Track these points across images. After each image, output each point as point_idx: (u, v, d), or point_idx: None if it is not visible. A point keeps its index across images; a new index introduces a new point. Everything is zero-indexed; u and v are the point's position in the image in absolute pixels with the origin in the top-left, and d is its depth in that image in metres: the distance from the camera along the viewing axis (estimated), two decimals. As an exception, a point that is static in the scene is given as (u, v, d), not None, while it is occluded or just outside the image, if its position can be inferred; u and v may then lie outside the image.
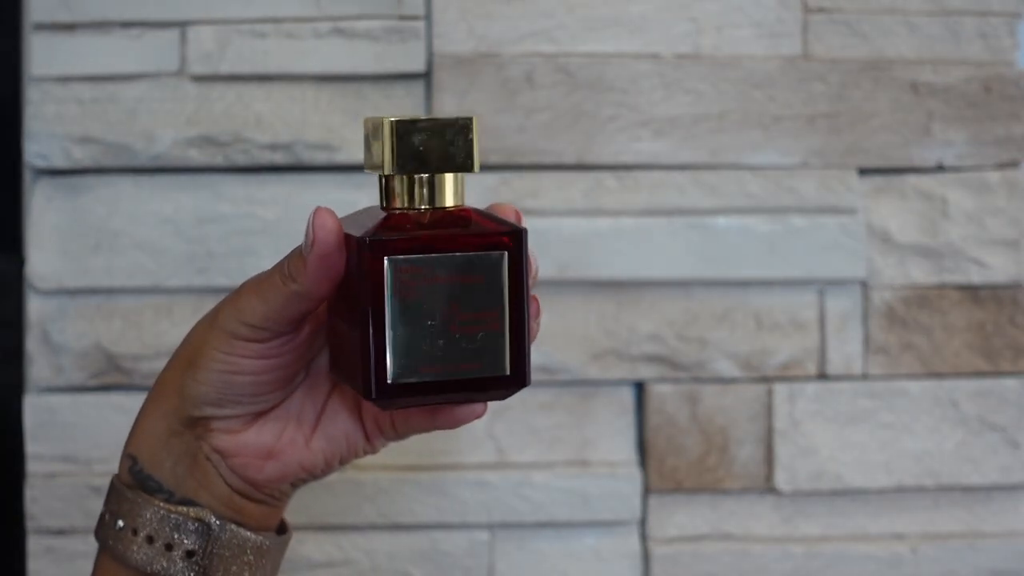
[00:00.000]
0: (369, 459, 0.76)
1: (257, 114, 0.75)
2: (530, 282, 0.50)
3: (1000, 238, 0.78)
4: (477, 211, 0.50)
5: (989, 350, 0.78)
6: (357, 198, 0.74)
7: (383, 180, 0.50)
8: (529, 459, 0.78)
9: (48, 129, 0.74)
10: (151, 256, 0.75)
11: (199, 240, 0.75)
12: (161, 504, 0.51)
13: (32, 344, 0.75)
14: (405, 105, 0.76)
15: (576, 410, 0.78)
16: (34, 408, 0.75)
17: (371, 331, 0.47)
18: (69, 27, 0.75)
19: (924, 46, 0.77)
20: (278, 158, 0.75)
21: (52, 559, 0.75)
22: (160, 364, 0.75)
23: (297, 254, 0.48)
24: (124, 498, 0.51)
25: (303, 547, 0.76)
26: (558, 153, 0.76)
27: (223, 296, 0.69)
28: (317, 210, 0.48)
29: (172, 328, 0.75)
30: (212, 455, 0.51)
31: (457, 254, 0.47)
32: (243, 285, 0.51)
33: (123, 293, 0.76)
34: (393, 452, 0.76)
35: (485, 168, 0.76)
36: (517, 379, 0.49)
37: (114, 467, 0.76)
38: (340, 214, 0.52)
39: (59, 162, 0.75)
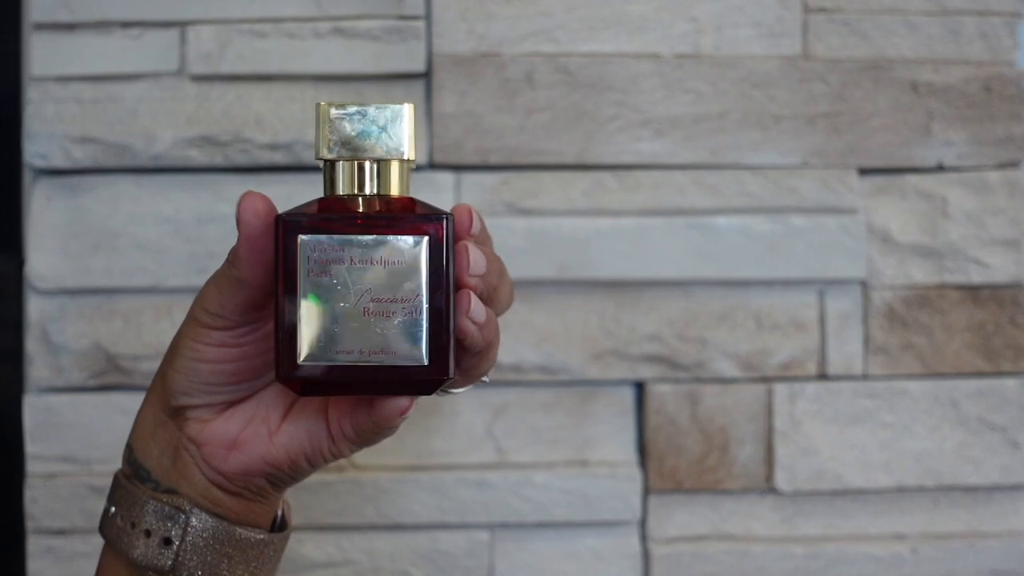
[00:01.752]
0: (369, 459, 0.76)
1: (257, 114, 0.75)
2: (464, 276, 0.49)
3: (1000, 238, 0.78)
4: (419, 202, 0.49)
5: (989, 350, 0.78)
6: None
7: (324, 165, 0.49)
8: (529, 459, 0.78)
9: (48, 129, 0.74)
10: (151, 256, 0.75)
11: (199, 240, 0.75)
12: (149, 493, 0.52)
13: (32, 344, 0.75)
14: (405, 105, 0.76)
15: (576, 410, 0.78)
16: (34, 408, 0.75)
17: (285, 311, 0.47)
18: (69, 27, 0.75)
19: (924, 46, 0.77)
20: (278, 158, 0.75)
21: (52, 559, 0.75)
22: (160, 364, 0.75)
23: (237, 244, 0.50)
24: (120, 487, 0.53)
25: (303, 547, 0.76)
26: (558, 153, 0.76)
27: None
28: (245, 194, 0.48)
29: (172, 328, 0.75)
30: (188, 445, 0.52)
31: (373, 237, 0.47)
32: (213, 274, 0.52)
33: (123, 293, 0.76)
34: (393, 452, 0.76)
35: (485, 168, 0.76)
36: (436, 370, 0.47)
37: (114, 467, 0.76)
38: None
39: (59, 162, 0.75)
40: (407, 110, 0.49)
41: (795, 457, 0.77)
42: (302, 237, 0.46)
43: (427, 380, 0.48)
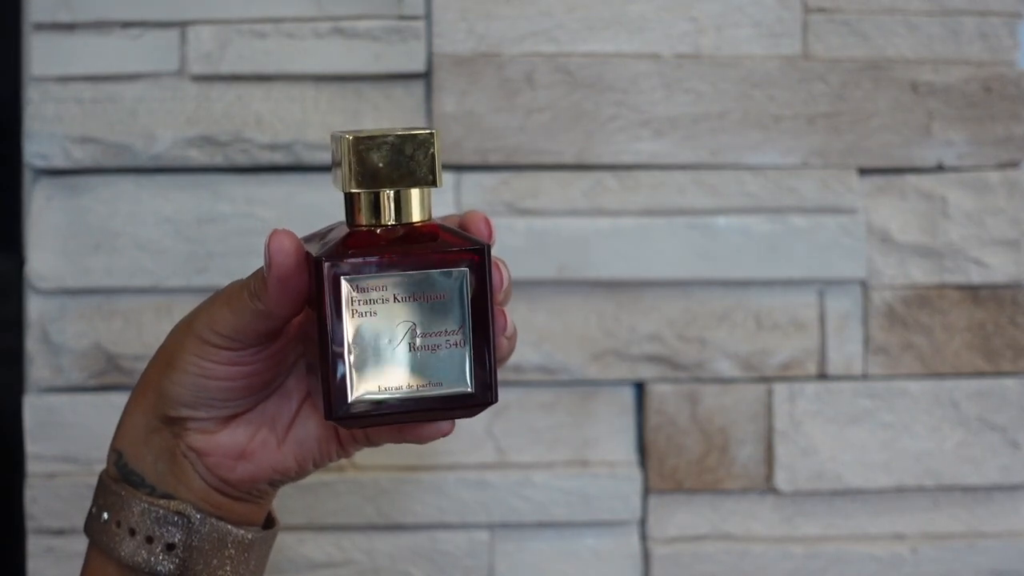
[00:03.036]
0: (369, 459, 0.76)
1: (257, 114, 0.75)
2: (498, 296, 0.49)
3: (1000, 238, 0.78)
4: (444, 227, 0.49)
5: (989, 350, 0.78)
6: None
7: (347, 197, 0.49)
8: (529, 459, 0.78)
9: (48, 129, 0.74)
10: (151, 256, 0.75)
11: (199, 240, 0.75)
12: (144, 497, 0.51)
13: (32, 344, 0.75)
14: (405, 105, 0.76)
15: (576, 410, 0.78)
16: (34, 408, 0.75)
17: (330, 351, 0.46)
18: (69, 27, 0.75)
19: (924, 46, 0.77)
20: (278, 158, 0.75)
21: (52, 559, 0.75)
22: (160, 364, 0.75)
23: (260, 275, 0.49)
24: (110, 491, 0.52)
25: (303, 547, 0.76)
26: (558, 153, 0.76)
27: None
28: (274, 233, 0.48)
29: (171, 328, 0.75)
30: (189, 453, 0.52)
31: (415, 272, 0.47)
32: (220, 292, 0.51)
33: (123, 293, 0.76)
34: (393, 452, 0.76)
35: (485, 168, 0.76)
36: (482, 397, 0.48)
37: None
38: (339, 214, 0.52)
39: (59, 162, 0.75)
40: (432, 136, 0.48)
41: (795, 457, 0.77)
42: (348, 277, 0.46)
43: (473, 406, 0.48)
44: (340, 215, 0.52)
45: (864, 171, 0.77)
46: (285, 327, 0.51)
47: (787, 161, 0.77)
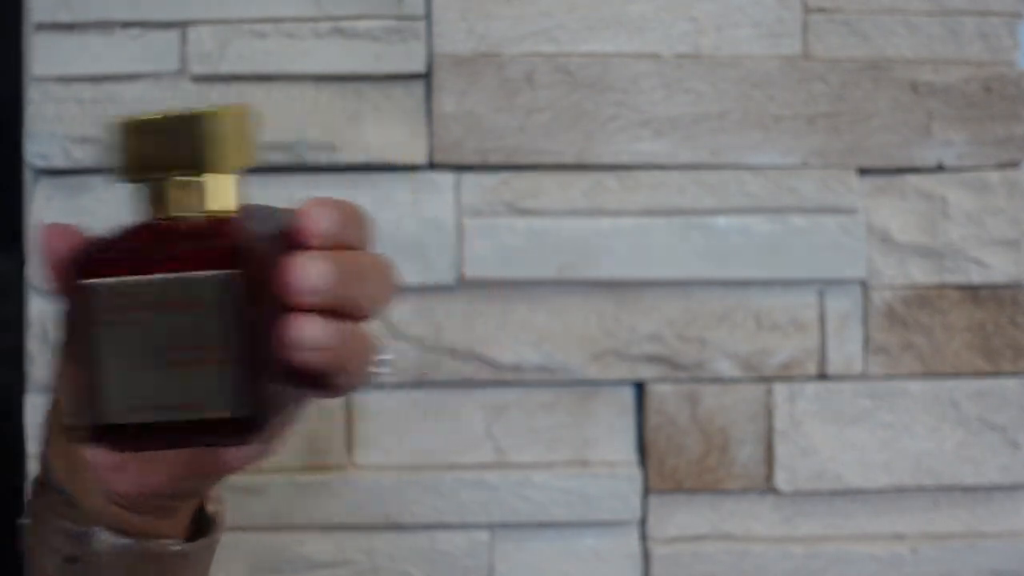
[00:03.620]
0: (369, 459, 0.76)
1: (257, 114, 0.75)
2: (296, 297, 0.41)
3: (1000, 238, 0.78)
4: (240, 218, 0.42)
5: (989, 350, 0.78)
6: (357, 198, 0.74)
7: (129, 188, 0.44)
8: (529, 459, 0.78)
9: (48, 129, 0.74)
10: (151, 256, 0.75)
11: (199, 240, 0.75)
12: (55, 507, 0.50)
13: (33, 344, 0.75)
14: (405, 105, 0.76)
15: (576, 410, 0.78)
16: (35, 408, 0.75)
17: (83, 366, 0.40)
18: (70, 27, 0.75)
19: (924, 46, 0.77)
20: (278, 158, 0.75)
21: (52, 559, 0.75)
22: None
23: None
24: (37, 495, 0.51)
25: (303, 547, 0.76)
26: (558, 153, 0.76)
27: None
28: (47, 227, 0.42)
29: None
30: (83, 463, 0.48)
31: (158, 277, 0.39)
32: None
33: (123, 293, 0.76)
34: (393, 452, 0.76)
35: (485, 168, 0.76)
36: (247, 425, 0.40)
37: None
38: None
39: (59, 162, 0.75)
40: (212, 116, 0.42)
41: (795, 457, 0.77)
42: (92, 282, 0.39)
43: (241, 435, 0.40)
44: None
45: (864, 171, 0.77)
46: None
47: (787, 161, 0.77)
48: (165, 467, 0.48)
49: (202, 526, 0.52)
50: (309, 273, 0.41)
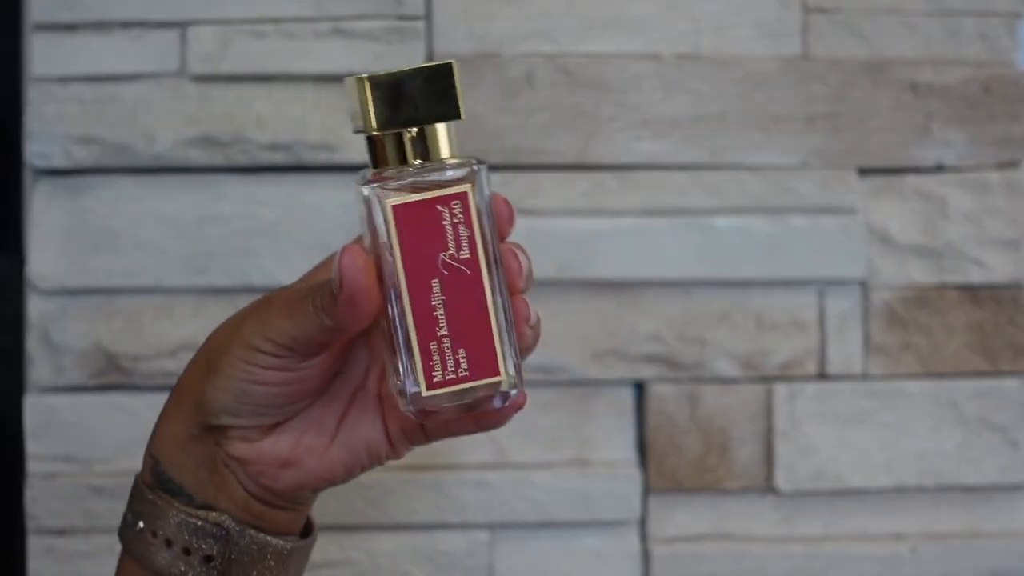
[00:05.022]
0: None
1: (257, 114, 0.75)
2: (519, 283, 0.47)
3: (1000, 238, 0.78)
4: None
5: (989, 350, 0.78)
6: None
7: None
8: (529, 459, 0.78)
9: (48, 129, 0.74)
10: (151, 256, 0.75)
11: (199, 240, 0.75)
12: (181, 508, 0.49)
13: (32, 344, 0.75)
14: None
15: (576, 410, 0.78)
16: (34, 408, 0.75)
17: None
18: (69, 27, 0.75)
19: (924, 46, 0.77)
20: (278, 158, 0.75)
21: (52, 559, 0.75)
22: (160, 364, 0.75)
23: (328, 290, 0.46)
24: (145, 499, 0.50)
25: (303, 547, 0.76)
26: (558, 153, 0.76)
27: (223, 296, 0.69)
28: (345, 249, 0.45)
29: (172, 328, 0.75)
30: (230, 462, 0.50)
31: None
32: (273, 299, 0.49)
33: (123, 293, 0.76)
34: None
35: (485, 168, 0.76)
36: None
37: (115, 466, 0.76)
38: (340, 214, 0.51)
39: (59, 162, 0.75)
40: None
41: (795, 457, 0.77)
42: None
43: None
44: (340, 216, 0.52)
45: (864, 171, 0.77)
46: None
47: (787, 161, 0.77)
48: (340, 460, 0.51)
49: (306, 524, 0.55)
50: (524, 261, 0.47)
